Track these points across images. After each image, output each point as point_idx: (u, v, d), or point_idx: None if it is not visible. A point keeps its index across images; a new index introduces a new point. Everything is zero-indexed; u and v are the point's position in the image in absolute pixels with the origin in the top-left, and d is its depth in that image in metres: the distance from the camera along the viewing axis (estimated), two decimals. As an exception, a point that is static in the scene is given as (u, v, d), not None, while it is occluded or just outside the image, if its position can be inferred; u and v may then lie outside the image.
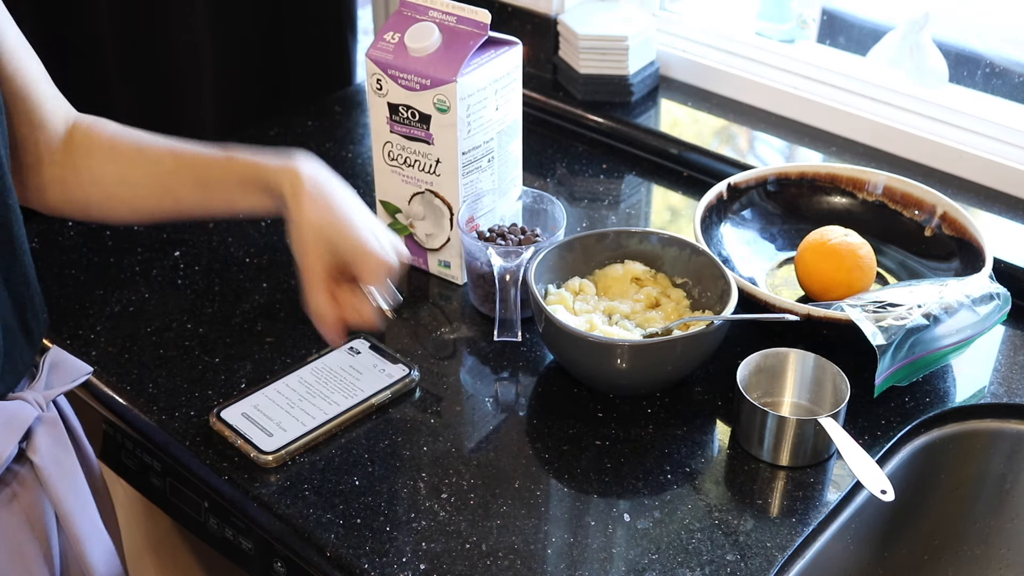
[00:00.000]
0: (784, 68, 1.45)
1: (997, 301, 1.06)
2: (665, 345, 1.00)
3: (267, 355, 1.10)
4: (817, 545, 0.93)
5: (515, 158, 1.19)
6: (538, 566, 0.90)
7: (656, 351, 1.00)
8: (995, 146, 1.30)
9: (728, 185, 1.22)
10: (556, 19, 1.50)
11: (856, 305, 1.04)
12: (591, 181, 1.39)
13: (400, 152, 1.14)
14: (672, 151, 1.40)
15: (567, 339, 1.01)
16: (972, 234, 1.14)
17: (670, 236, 1.12)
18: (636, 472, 0.98)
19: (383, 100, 1.13)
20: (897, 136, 1.35)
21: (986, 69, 1.40)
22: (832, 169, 1.24)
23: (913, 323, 1.01)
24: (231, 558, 1.03)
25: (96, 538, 0.95)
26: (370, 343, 1.09)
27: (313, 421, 1.01)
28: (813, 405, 1.02)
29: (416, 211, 1.17)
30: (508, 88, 1.14)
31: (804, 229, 1.18)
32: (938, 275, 1.15)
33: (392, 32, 1.12)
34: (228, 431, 1.00)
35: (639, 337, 1.04)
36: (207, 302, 1.18)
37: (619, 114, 1.45)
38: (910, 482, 1.03)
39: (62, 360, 0.96)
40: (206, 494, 1.01)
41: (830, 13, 1.56)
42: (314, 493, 0.96)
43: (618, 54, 1.44)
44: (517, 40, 1.13)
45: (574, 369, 1.05)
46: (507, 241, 1.11)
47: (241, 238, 1.27)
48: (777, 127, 1.43)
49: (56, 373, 0.95)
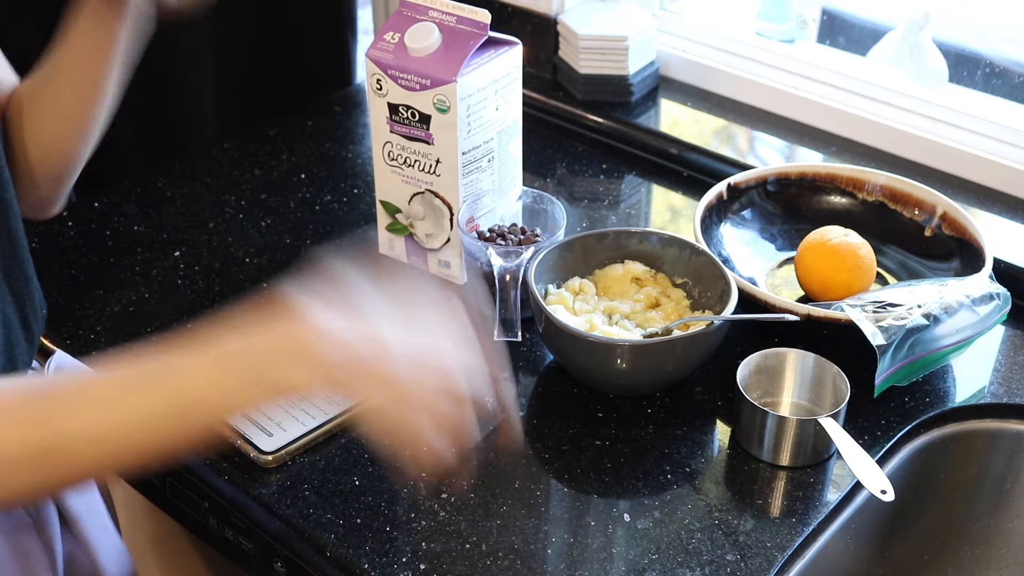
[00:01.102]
0: (784, 68, 1.45)
1: (997, 301, 1.06)
2: (665, 345, 1.00)
3: (267, 355, 1.10)
4: (817, 545, 0.93)
5: (515, 158, 1.19)
6: (538, 566, 0.90)
7: (656, 351, 1.00)
8: (995, 146, 1.30)
9: (728, 185, 1.22)
10: (556, 19, 1.50)
11: (856, 305, 1.04)
12: (591, 181, 1.39)
13: (400, 152, 1.15)
14: (672, 151, 1.40)
15: (567, 339, 1.01)
16: (972, 234, 1.14)
17: (670, 236, 1.12)
18: (636, 472, 0.98)
19: (383, 100, 1.13)
20: (897, 136, 1.35)
21: (986, 69, 1.40)
22: (832, 169, 1.24)
23: (913, 323, 1.01)
24: (231, 558, 1.03)
25: (106, 539, 0.95)
26: (370, 343, 1.09)
27: (313, 421, 1.01)
28: (813, 405, 1.02)
29: (416, 211, 1.17)
30: (508, 88, 1.14)
31: (804, 229, 1.18)
32: (938, 275, 1.15)
33: (392, 32, 1.12)
34: (228, 431, 1.00)
35: (639, 337, 1.04)
36: (207, 302, 1.18)
37: (619, 114, 1.45)
38: (910, 482, 1.03)
39: (67, 364, 0.96)
40: (206, 494, 1.01)
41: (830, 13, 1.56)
42: (314, 493, 0.96)
43: (618, 54, 1.44)
44: (517, 40, 1.13)
45: (574, 369, 1.05)
46: (507, 241, 1.11)
47: (241, 238, 1.27)
48: (777, 127, 1.43)
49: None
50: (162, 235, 1.28)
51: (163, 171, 1.39)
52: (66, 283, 1.20)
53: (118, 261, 1.24)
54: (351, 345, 0.71)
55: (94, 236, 1.27)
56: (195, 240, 1.27)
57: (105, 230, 1.28)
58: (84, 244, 1.26)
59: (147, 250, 1.25)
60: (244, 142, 1.45)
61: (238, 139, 1.46)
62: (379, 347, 0.72)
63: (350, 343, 0.71)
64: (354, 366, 0.71)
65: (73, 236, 1.27)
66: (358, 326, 0.72)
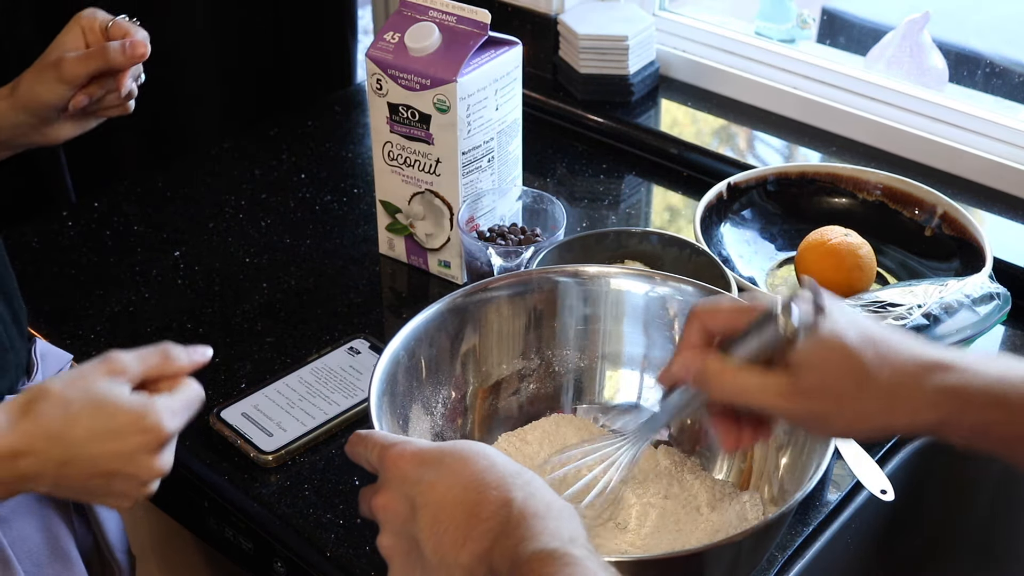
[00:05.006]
0: (784, 68, 1.45)
1: (997, 301, 1.06)
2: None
3: (267, 355, 1.10)
4: (817, 545, 0.93)
5: (515, 158, 1.19)
6: (538, 566, 0.89)
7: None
8: (995, 146, 1.30)
9: (728, 185, 1.22)
10: (556, 19, 1.50)
11: (856, 305, 1.04)
12: (591, 181, 1.39)
13: (400, 152, 1.14)
14: (672, 151, 1.40)
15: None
16: (972, 234, 1.14)
17: (670, 236, 1.11)
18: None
19: (383, 100, 1.13)
20: (897, 136, 1.35)
21: (986, 69, 1.40)
22: (832, 169, 1.24)
23: (913, 323, 1.01)
24: (231, 558, 1.03)
25: (109, 513, 0.97)
26: (370, 343, 1.09)
27: (313, 421, 1.01)
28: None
29: (416, 211, 1.17)
30: (508, 88, 1.14)
31: (804, 229, 1.18)
32: (938, 275, 1.15)
33: (392, 32, 1.12)
34: (228, 431, 1.00)
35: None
36: (207, 302, 1.18)
37: (619, 114, 1.45)
38: (910, 482, 1.03)
39: (48, 351, 0.97)
40: (206, 494, 1.01)
41: (830, 13, 1.56)
42: (314, 493, 0.96)
43: (618, 54, 1.44)
44: (517, 40, 1.13)
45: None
46: (507, 241, 1.11)
47: (241, 238, 1.27)
48: (777, 127, 1.43)
49: (45, 363, 0.95)
50: (162, 235, 1.28)
51: (163, 171, 1.39)
52: (66, 283, 1.20)
53: (118, 261, 1.24)
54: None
55: (94, 236, 1.27)
56: (195, 240, 1.27)
57: (105, 230, 1.28)
58: (84, 244, 1.26)
59: (147, 250, 1.25)
60: (244, 142, 1.45)
61: (238, 139, 1.46)
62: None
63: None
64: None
65: (73, 236, 1.27)
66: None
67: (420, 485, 0.65)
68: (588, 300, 0.95)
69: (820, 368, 0.68)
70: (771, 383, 0.69)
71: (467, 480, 0.64)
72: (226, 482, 0.98)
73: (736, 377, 0.70)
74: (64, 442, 0.71)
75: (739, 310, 0.72)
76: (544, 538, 0.60)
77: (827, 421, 0.69)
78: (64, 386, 0.73)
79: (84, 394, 0.72)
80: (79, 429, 0.71)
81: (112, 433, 0.72)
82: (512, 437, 0.93)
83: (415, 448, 0.67)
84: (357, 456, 0.71)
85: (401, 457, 0.66)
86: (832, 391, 0.68)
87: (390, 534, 0.66)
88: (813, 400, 0.68)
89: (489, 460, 0.65)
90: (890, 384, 0.67)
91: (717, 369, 0.71)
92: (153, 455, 0.74)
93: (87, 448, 0.72)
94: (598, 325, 0.96)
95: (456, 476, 0.64)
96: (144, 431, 0.73)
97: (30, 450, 0.71)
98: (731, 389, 0.71)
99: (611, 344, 0.96)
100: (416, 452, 0.67)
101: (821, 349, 0.68)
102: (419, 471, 0.65)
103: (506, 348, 0.96)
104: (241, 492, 0.97)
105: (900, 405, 0.67)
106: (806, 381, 0.68)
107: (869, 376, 0.67)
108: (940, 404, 0.67)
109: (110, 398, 0.73)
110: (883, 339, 0.69)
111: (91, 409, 0.72)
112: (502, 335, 0.95)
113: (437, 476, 0.65)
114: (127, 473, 0.73)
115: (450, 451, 0.66)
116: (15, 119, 0.97)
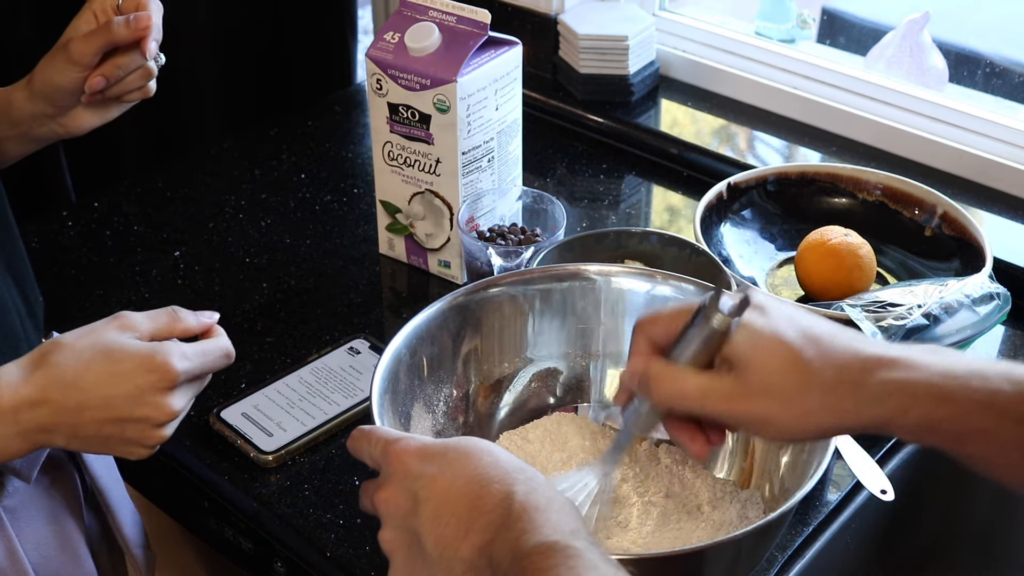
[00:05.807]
0: (784, 68, 1.45)
1: (997, 301, 1.06)
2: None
3: (267, 355, 1.10)
4: (817, 545, 0.93)
5: (515, 158, 1.19)
6: (538, 566, 0.89)
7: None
8: (995, 146, 1.30)
9: (728, 185, 1.22)
10: (556, 19, 1.50)
11: (856, 305, 1.04)
12: (591, 181, 1.39)
13: (400, 152, 1.15)
14: (672, 151, 1.40)
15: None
16: (972, 234, 1.14)
17: (670, 236, 1.11)
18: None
19: (383, 100, 1.13)
20: (897, 136, 1.35)
21: (986, 69, 1.40)
22: (832, 169, 1.24)
23: (913, 323, 1.01)
24: (231, 558, 1.03)
25: (126, 508, 0.97)
26: (370, 343, 1.09)
27: (313, 421, 1.01)
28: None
29: (416, 211, 1.17)
30: (508, 88, 1.14)
31: (804, 229, 1.18)
32: (938, 275, 1.15)
33: (392, 32, 1.12)
34: (228, 431, 1.00)
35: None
36: (207, 302, 1.17)
37: (619, 114, 1.45)
38: (910, 482, 1.03)
39: None
40: (206, 494, 1.01)
41: (830, 13, 1.56)
42: (314, 493, 0.96)
43: (618, 54, 1.44)
44: (517, 40, 1.13)
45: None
46: (507, 241, 1.11)
47: (241, 238, 1.27)
48: (777, 127, 1.43)
49: None
50: (162, 235, 1.28)
51: (163, 171, 1.39)
52: (66, 283, 1.20)
53: (118, 261, 1.24)
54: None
55: (94, 236, 1.27)
56: (195, 240, 1.27)
57: (105, 230, 1.28)
58: (84, 244, 1.26)
59: (147, 250, 1.25)
60: (244, 142, 1.45)
61: (238, 139, 1.46)
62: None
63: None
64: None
65: (73, 236, 1.27)
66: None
67: (422, 479, 0.65)
68: (589, 299, 0.95)
69: (761, 368, 0.67)
70: (713, 385, 0.68)
71: (470, 474, 0.64)
72: (226, 482, 0.98)
73: (676, 380, 0.69)
74: (76, 388, 0.75)
75: (676, 313, 0.71)
76: (546, 531, 0.60)
77: (771, 422, 0.67)
78: (76, 338, 0.78)
79: (94, 344, 0.77)
80: (90, 375, 0.76)
81: (121, 375, 0.76)
82: (514, 435, 0.93)
83: (418, 443, 0.67)
84: (359, 451, 0.71)
85: (405, 452, 0.66)
86: (774, 390, 0.66)
87: (392, 528, 0.66)
88: (755, 401, 0.67)
89: (492, 456, 0.65)
90: (833, 382, 0.66)
91: (657, 372, 0.70)
92: (163, 394, 0.77)
93: (98, 391, 0.76)
94: (599, 324, 0.96)
95: (459, 471, 0.64)
96: (151, 370, 0.77)
97: (44, 399, 0.75)
98: (672, 392, 0.69)
99: (612, 343, 0.96)
100: (419, 447, 0.67)
101: (761, 348, 0.67)
102: (422, 466, 0.65)
103: (508, 347, 0.96)
104: (241, 492, 0.97)
105: (844, 403, 0.66)
106: (748, 381, 0.67)
107: (812, 374, 0.66)
108: (885, 401, 0.65)
109: (118, 344, 0.77)
110: (826, 336, 0.67)
111: (101, 356, 0.76)
112: (503, 334, 0.95)
113: (440, 471, 0.65)
114: (139, 416, 0.77)
115: (453, 446, 0.66)
116: (33, 108, 0.96)
